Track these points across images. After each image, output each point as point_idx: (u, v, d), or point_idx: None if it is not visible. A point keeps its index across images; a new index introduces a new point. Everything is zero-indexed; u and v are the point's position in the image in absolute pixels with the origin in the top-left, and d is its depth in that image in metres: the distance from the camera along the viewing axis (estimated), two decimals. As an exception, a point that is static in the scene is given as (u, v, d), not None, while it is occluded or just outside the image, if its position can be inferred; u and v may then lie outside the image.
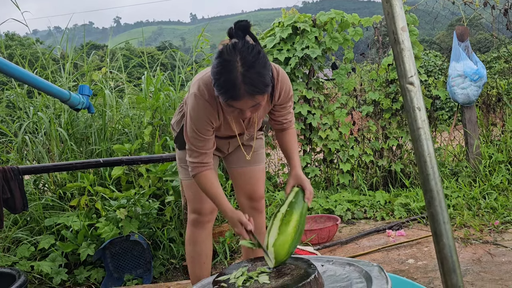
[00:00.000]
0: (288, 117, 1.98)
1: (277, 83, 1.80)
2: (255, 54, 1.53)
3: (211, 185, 1.84)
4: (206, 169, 1.83)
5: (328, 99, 4.82)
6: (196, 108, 1.75)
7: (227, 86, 1.52)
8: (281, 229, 1.63)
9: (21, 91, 4.22)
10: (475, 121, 4.58)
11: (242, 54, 1.51)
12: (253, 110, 1.63)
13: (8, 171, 2.44)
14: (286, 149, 2.02)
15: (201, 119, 1.76)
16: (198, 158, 1.82)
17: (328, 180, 4.76)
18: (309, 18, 4.62)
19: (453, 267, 0.94)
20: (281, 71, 1.83)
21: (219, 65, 1.54)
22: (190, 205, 2.13)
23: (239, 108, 1.60)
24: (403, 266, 2.72)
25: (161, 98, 4.06)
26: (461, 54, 4.38)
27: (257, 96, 1.56)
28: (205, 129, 1.78)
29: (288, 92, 1.87)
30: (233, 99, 1.55)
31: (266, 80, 1.56)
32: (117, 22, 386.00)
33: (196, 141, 1.80)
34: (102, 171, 3.75)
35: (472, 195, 3.82)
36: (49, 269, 2.89)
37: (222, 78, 1.53)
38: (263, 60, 1.56)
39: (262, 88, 1.55)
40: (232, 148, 2.13)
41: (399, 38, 0.99)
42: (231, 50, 1.53)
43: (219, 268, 3.09)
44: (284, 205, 1.72)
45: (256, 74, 1.52)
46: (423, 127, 0.98)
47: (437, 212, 0.95)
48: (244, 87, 1.51)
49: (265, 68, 1.56)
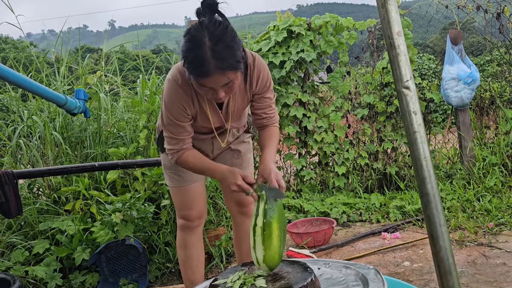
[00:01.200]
0: (268, 111, 1.91)
1: (253, 69, 1.76)
2: (223, 29, 1.50)
3: (194, 159, 1.80)
4: (185, 151, 1.80)
5: (323, 102, 4.84)
6: (169, 93, 1.73)
7: (196, 63, 1.48)
8: (266, 244, 1.53)
9: (15, 95, 4.20)
10: (469, 123, 4.62)
11: (209, 30, 1.48)
12: (227, 89, 1.58)
13: (3, 176, 2.42)
14: (261, 144, 1.90)
15: (175, 105, 1.73)
16: (177, 145, 1.79)
17: (323, 183, 4.77)
18: (304, 21, 4.64)
19: (450, 269, 0.94)
20: (258, 57, 1.79)
21: (187, 42, 1.50)
22: (178, 211, 2.14)
23: (211, 88, 1.55)
24: (399, 268, 2.73)
25: (157, 101, 4.06)
26: (455, 57, 4.42)
27: (228, 72, 1.50)
28: (179, 115, 1.75)
29: (266, 79, 1.82)
30: (202, 76, 1.50)
31: (236, 55, 1.51)
32: (111, 25, 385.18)
33: (172, 127, 1.77)
34: (97, 175, 3.73)
35: (466, 198, 3.85)
36: (43, 274, 2.87)
37: (190, 55, 1.49)
38: (231, 34, 1.52)
39: (233, 63, 1.50)
40: (216, 150, 2.09)
41: (395, 43, 1.00)
42: (198, 27, 1.50)
43: (215, 272, 3.09)
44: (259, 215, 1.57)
45: (225, 48, 1.48)
46: (419, 131, 0.99)
47: (433, 214, 0.96)
48: (214, 62, 1.46)
49: (234, 42, 1.52)
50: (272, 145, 1.88)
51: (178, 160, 1.81)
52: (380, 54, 4.85)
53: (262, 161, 1.79)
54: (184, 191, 2.05)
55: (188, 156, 1.80)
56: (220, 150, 2.09)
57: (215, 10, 1.55)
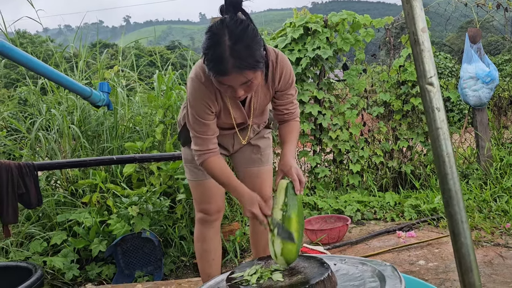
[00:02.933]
0: (289, 107, 1.91)
1: (276, 66, 1.76)
2: (244, 28, 1.49)
3: (220, 170, 1.79)
4: (212, 155, 1.80)
5: (339, 99, 4.82)
6: (193, 91, 1.74)
7: (215, 60, 1.49)
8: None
9: (35, 88, 4.27)
10: (486, 123, 4.56)
11: (230, 28, 1.47)
12: (246, 88, 1.57)
13: (24, 167, 2.47)
14: (282, 140, 1.91)
15: (199, 102, 1.73)
16: (203, 145, 1.79)
17: (337, 180, 4.76)
18: (321, 18, 4.62)
19: (471, 266, 0.94)
20: (281, 54, 1.78)
21: (208, 39, 1.51)
22: (197, 205, 2.14)
23: (230, 86, 1.55)
24: (414, 267, 2.72)
25: (173, 96, 4.09)
26: (473, 56, 4.36)
27: (246, 72, 1.49)
28: (204, 113, 1.75)
29: (289, 76, 1.81)
30: (221, 75, 1.50)
31: (256, 55, 1.50)
32: (127, 21, 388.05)
33: (198, 126, 1.77)
34: (114, 169, 3.79)
35: (483, 198, 3.80)
36: (61, 264, 2.93)
37: (210, 52, 1.50)
38: (252, 33, 1.51)
39: (252, 63, 1.49)
40: (237, 145, 2.10)
41: (419, 39, 1.00)
42: (220, 25, 1.50)
43: (229, 266, 3.11)
44: (278, 208, 1.60)
45: (244, 47, 1.47)
46: (442, 127, 0.99)
47: (455, 211, 0.96)
48: (232, 61, 1.46)
49: (255, 42, 1.51)
50: (292, 140, 1.88)
51: (203, 164, 1.80)
52: (397, 52, 4.81)
53: (283, 157, 1.79)
54: (203, 185, 2.06)
55: (214, 162, 1.79)
56: (240, 145, 2.10)
57: (239, 8, 1.55)
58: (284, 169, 1.71)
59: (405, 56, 4.60)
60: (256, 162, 2.13)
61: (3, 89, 9.87)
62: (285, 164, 1.73)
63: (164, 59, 9.33)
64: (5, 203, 2.35)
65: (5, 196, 2.35)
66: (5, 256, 2.97)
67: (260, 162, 2.14)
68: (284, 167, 1.72)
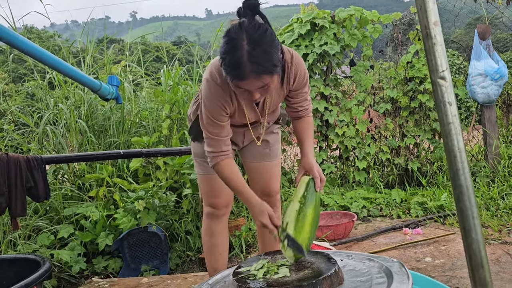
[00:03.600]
0: (304, 104, 1.93)
1: (291, 67, 1.76)
2: (262, 32, 1.49)
3: (231, 174, 1.80)
4: (225, 157, 1.80)
5: (346, 96, 4.80)
6: (208, 93, 1.73)
7: (233, 65, 1.49)
8: (297, 227, 1.59)
9: (42, 83, 4.29)
10: (494, 120, 4.52)
11: (248, 32, 1.47)
12: (262, 92, 1.58)
13: (32, 160, 2.49)
14: (299, 137, 1.96)
15: (215, 104, 1.73)
16: (216, 147, 1.79)
17: (343, 177, 4.75)
18: (328, 14, 4.59)
19: (482, 262, 0.93)
20: (296, 55, 1.78)
21: (225, 44, 1.50)
22: (205, 199, 2.14)
23: (246, 89, 1.56)
24: (420, 264, 2.71)
25: (180, 92, 4.09)
26: (482, 52, 4.32)
27: (264, 76, 1.50)
28: (219, 115, 1.75)
29: (303, 76, 1.82)
30: (238, 79, 1.51)
31: (274, 60, 1.51)
32: (133, 17, 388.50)
33: (212, 127, 1.78)
34: (120, 163, 3.80)
35: (490, 195, 3.78)
36: (68, 257, 2.94)
37: (228, 57, 1.49)
38: (270, 38, 1.51)
39: (269, 67, 1.49)
40: (247, 141, 2.11)
41: (431, 33, 0.99)
42: (238, 29, 1.49)
43: (235, 261, 3.12)
44: (296, 200, 1.65)
45: (262, 52, 1.47)
46: (454, 122, 0.98)
47: (466, 207, 0.95)
48: (250, 66, 1.46)
49: (272, 47, 1.51)
50: (310, 138, 1.94)
51: (216, 166, 1.81)
52: (405, 48, 4.78)
53: (304, 156, 1.86)
54: (213, 179, 2.06)
55: (227, 166, 1.80)
56: (250, 140, 2.11)
57: (256, 10, 1.55)
58: (306, 167, 1.79)
59: (412, 52, 4.57)
60: (265, 156, 2.13)
61: (11, 84, 9.93)
62: (307, 163, 1.80)
63: (170, 55, 9.31)
64: (14, 196, 2.36)
65: (14, 189, 2.36)
66: (13, 249, 2.99)
67: (269, 156, 2.14)
68: (306, 166, 1.79)
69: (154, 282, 2.74)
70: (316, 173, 1.73)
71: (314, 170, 1.74)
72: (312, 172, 1.74)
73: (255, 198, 1.76)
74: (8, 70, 7.85)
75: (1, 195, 2.32)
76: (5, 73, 7.33)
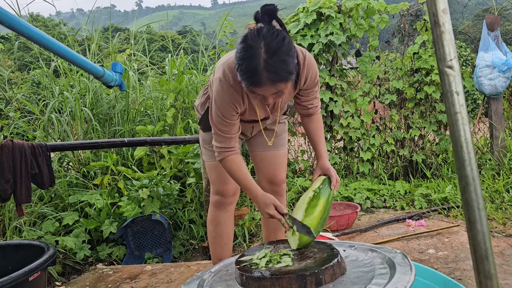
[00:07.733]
0: (314, 102, 1.96)
1: (303, 68, 1.77)
2: (280, 41, 1.49)
3: (238, 169, 1.82)
4: (232, 153, 1.82)
5: (351, 86, 4.77)
6: (221, 93, 1.74)
7: (249, 72, 1.50)
8: (308, 212, 1.64)
9: (48, 71, 4.29)
10: (501, 113, 4.48)
11: (266, 40, 1.48)
12: (276, 97, 1.61)
13: (37, 147, 2.49)
14: (312, 138, 2.03)
15: (226, 104, 1.75)
16: (224, 143, 1.81)
17: (347, 168, 4.74)
18: (334, 4, 4.55)
19: (486, 254, 0.93)
20: (308, 55, 1.79)
21: (243, 50, 1.51)
22: (213, 186, 2.15)
23: (261, 95, 1.59)
24: (423, 256, 2.70)
25: (184, 81, 4.08)
26: (490, 44, 4.26)
27: (279, 84, 1.52)
28: (230, 114, 1.77)
29: (314, 77, 1.85)
30: (254, 86, 1.53)
31: (290, 68, 1.52)
32: (138, 6, 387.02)
33: (221, 125, 1.79)
34: (125, 152, 3.81)
35: (495, 188, 3.76)
36: (73, 244, 2.97)
37: (245, 64, 1.50)
38: (287, 47, 1.51)
39: (285, 76, 1.51)
40: (255, 132, 2.13)
41: (440, 21, 0.97)
42: (256, 36, 1.50)
43: (238, 250, 3.13)
44: (311, 190, 1.73)
45: (279, 61, 1.48)
46: (461, 112, 0.96)
47: (472, 198, 0.94)
48: (266, 74, 1.48)
49: (289, 56, 1.52)
50: (323, 138, 2.03)
51: (223, 161, 1.84)
52: (411, 39, 4.73)
53: (320, 157, 1.97)
54: (221, 166, 2.07)
55: (233, 160, 1.82)
56: (257, 131, 2.12)
57: (274, 16, 1.55)
58: (323, 168, 1.91)
59: (419, 43, 4.52)
60: (271, 145, 2.13)
61: (17, 72, 9.95)
62: (323, 165, 1.93)
63: (176, 44, 9.26)
64: (19, 183, 2.37)
65: (19, 176, 2.37)
66: (18, 235, 3.02)
67: (276, 146, 2.15)
68: (323, 167, 1.92)
69: (157, 270, 2.76)
70: (333, 174, 1.86)
71: (331, 171, 1.87)
72: (329, 173, 1.87)
73: (260, 191, 1.79)
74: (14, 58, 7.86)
75: (6, 181, 2.33)
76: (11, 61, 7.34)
